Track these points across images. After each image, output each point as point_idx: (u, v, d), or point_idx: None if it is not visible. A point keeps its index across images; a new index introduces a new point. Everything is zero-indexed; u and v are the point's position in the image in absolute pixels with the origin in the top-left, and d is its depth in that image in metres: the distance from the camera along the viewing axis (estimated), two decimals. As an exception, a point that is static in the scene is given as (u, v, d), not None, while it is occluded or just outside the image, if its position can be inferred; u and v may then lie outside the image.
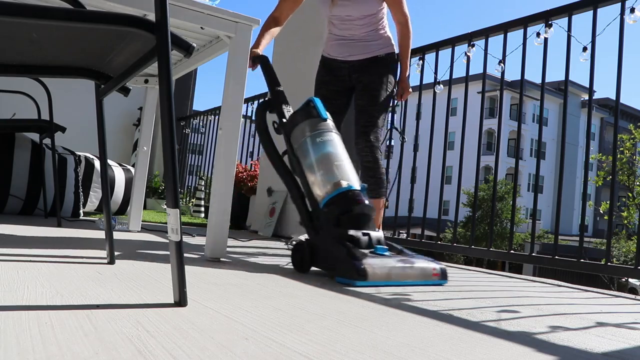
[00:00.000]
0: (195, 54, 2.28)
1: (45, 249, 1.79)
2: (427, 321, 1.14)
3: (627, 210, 13.56)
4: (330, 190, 1.84)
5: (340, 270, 1.64)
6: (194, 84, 7.70)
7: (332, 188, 1.85)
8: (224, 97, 1.93)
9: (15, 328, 0.75)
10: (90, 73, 1.43)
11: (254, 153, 5.38)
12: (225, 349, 0.75)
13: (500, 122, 3.35)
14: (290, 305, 1.17)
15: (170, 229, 1.02)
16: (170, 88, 1.03)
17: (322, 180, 1.88)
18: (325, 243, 1.76)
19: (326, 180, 1.87)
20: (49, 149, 3.44)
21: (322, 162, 1.90)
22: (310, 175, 1.91)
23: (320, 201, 1.86)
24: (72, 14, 1.01)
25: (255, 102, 5.21)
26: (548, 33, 2.60)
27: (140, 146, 2.77)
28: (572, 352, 0.96)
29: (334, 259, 1.69)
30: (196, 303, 1.06)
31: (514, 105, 35.77)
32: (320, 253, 1.76)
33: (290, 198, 2.03)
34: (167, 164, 1.03)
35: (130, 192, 3.45)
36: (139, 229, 2.79)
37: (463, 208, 22.44)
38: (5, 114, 3.54)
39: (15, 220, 2.94)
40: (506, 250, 2.73)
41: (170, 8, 1.13)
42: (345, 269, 1.61)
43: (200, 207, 5.71)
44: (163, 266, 1.58)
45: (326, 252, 1.74)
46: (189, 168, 6.79)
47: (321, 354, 0.78)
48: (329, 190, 1.85)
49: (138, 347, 0.71)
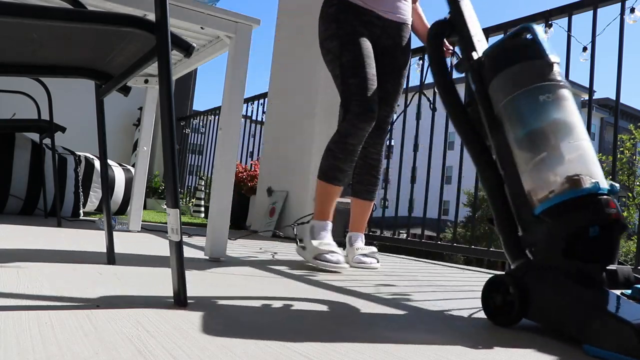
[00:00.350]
0: (195, 54, 2.28)
1: (45, 249, 1.79)
2: (427, 321, 1.14)
3: (627, 211, 13.57)
4: (561, 190, 1.10)
5: (594, 334, 0.94)
6: (194, 84, 7.70)
7: (564, 186, 1.10)
8: (224, 97, 1.93)
9: (15, 328, 0.75)
10: (90, 73, 1.43)
11: (254, 153, 5.38)
12: (225, 349, 0.75)
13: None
14: (291, 305, 1.17)
15: (170, 229, 1.02)
16: (170, 88, 1.03)
17: (545, 169, 1.13)
18: (550, 283, 1.07)
19: (553, 171, 1.13)
20: (49, 149, 3.44)
21: (546, 137, 1.16)
22: (521, 156, 1.17)
23: (535, 205, 1.13)
24: (72, 14, 1.01)
25: (255, 102, 5.21)
26: (548, 33, 2.60)
27: (140, 146, 2.77)
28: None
29: (573, 312, 1.00)
30: (196, 303, 1.06)
31: (514, 105, 35.71)
32: (540, 299, 1.07)
33: (484, 187, 1.25)
34: (167, 164, 1.03)
35: (130, 192, 3.45)
36: (139, 229, 2.79)
37: (463, 208, 22.42)
38: (5, 114, 3.54)
39: (15, 220, 2.94)
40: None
41: (170, 8, 1.13)
42: (607, 333, 0.92)
43: (200, 207, 5.71)
44: (163, 266, 1.58)
45: (554, 299, 1.05)
46: (189, 168, 6.79)
47: (321, 354, 0.78)
48: (559, 190, 1.10)
49: (138, 347, 0.71)
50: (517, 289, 1.08)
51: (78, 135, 4.57)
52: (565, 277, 1.04)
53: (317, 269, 1.91)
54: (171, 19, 1.53)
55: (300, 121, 3.86)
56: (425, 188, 3.26)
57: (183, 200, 6.47)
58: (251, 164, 4.93)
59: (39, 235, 2.24)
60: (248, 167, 4.85)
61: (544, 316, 1.06)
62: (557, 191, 1.10)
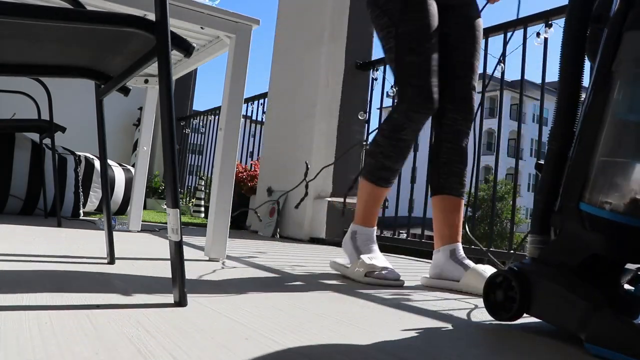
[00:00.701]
0: (195, 54, 2.28)
1: (45, 248, 1.79)
2: (427, 321, 1.14)
3: None
4: (620, 208, 0.92)
5: (596, 332, 0.89)
6: (194, 84, 7.69)
7: (626, 205, 0.92)
8: (224, 97, 1.93)
9: (15, 328, 0.75)
10: (90, 73, 1.43)
11: (254, 153, 5.38)
12: (225, 349, 0.75)
13: (500, 122, 3.35)
14: (291, 305, 1.17)
15: (170, 229, 1.02)
16: (170, 88, 1.03)
17: (623, 174, 0.94)
18: (555, 279, 0.99)
19: (629, 182, 0.93)
20: (49, 149, 3.44)
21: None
22: (612, 139, 0.94)
23: (587, 199, 0.95)
24: (72, 14, 1.01)
25: (255, 102, 5.21)
26: (548, 33, 2.60)
27: (140, 146, 2.77)
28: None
29: (576, 309, 0.93)
30: (196, 303, 1.06)
31: (514, 105, 35.76)
32: (542, 295, 1.00)
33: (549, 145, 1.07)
34: (167, 164, 1.03)
35: (130, 192, 3.45)
36: (139, 229, 2.79)
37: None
38: (5, 114, 3.54)
39: (15, 220, 2.94)
40: (506, 250, 2.73)
41: (170, 8, 1.13)
42: (609, 332, 0.87)
43: (200, 207, 5.71)
44: (163, 266, 1.58)
45: (557, 295, 0.98)
46: (189, 168, 6.79)
47: (321, 354, 0.78)
48: (618, 205, 0.92)
49: (138, 347, 0.71)
50: (519, 284, 1.03)
51: (78, 135, 4.57)
52: (570, 274, 0.97)
53: (341, 276, 1.73)
54: (171, 19, 1.53)
55: (300, 121, 3.87)
56: (425, 188, 3.26)
57: (183, 200, 6.46)
58: (251, 164, 4.93)
59: (39, 235, 2.24)
60: (248, 167, 4.85)
61: (546, 312, 1.01)
62: (616, 206, 0.92)
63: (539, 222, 1.05)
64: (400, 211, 3.51)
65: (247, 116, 5.29)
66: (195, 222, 4.69)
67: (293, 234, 3.67)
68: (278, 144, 4.13)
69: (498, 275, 1.09)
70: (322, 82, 3.70)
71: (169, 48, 1.03)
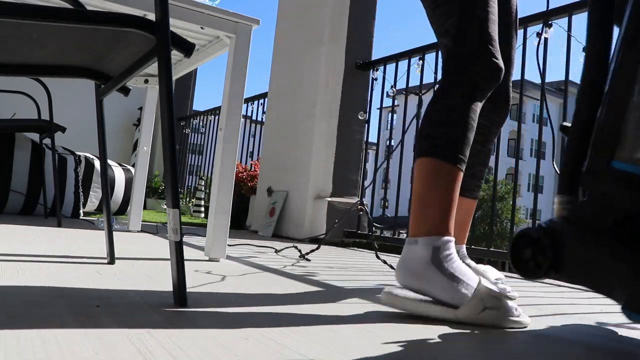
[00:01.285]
0: (195, 54, 2.28)
1: (45, 248, 1.79)
2: (427, 321, 1.13)
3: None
4: None
5: (636, 298, 0.84)
6: (194, 84, 7.70)
7: None
8: (224, 97, 1.93)
9: (15, 328, 0.75)
10: (90, 73, 1.43)
11: (254, 153, 5.38)
12: (225, 349, 0.75)
13: (500, 122, 3.35)
14: (291, 305, 1.17)
15: (170, 229, 1.02)
16: (170, 88, 1.03)
17: None
18: (591, 240, 0.93)
19: None
20: (49, 149, 3.44)
21: None
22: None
23: (620, 157, 0.90)
24: (72, 14, 1.01)
25: (255, 102, 5.22)
26: (548, 33, 2.60)
27: (140, 146, 2.77)
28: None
29: (614, 273, 0.89)
30: (196, 303, 1.06)
31: (514, 106, 35.71)
32: (576, 256, 0.94)
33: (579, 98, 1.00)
34: (167, 164, 1.03)
35: (130, 192, 3.45)
36: (139, 229, 2.79)
37: (463, 208, 22.39)
38: (5, 114, 3.54)
39: (15, 220, 2.94)
40: (506, 250, 2.73)
41: (170, 8, 1.13)
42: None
43: (200, 207, 5.71)
44: (163, 266, 1.58)
45: (593, 257, 0.93)
46: (189, 168, 6.79)
47: (322, 354, 0.78)
48: None
49: (138, 347, 0.71)
50: (551, 243, 0.94)
51: (78, 135, 4.58)
52: (606, 236, 0.90)
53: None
54: (171, 19, 1.53)
55: (300, 121, 3.87)
56: (425, 188, 3.26)
57: (183, 200, 6.47)
58: (251, 164, 4.93)
59: (39, 235, 2.24)
60: (248, 167, 4.85)
61: (580, 275, 0.94)
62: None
63: (567, 182, 0.99)
64: (401, 211, 3.50)
65: (247, 116, 5.29)
66: (195, 222, 4.69)
67: (293, 234, 3.67)
68: (278, 144, 4.13)
69: (528, 233, 1.00)
70: (322, 82, 3.70)
71: (169, 48, 1.03)
